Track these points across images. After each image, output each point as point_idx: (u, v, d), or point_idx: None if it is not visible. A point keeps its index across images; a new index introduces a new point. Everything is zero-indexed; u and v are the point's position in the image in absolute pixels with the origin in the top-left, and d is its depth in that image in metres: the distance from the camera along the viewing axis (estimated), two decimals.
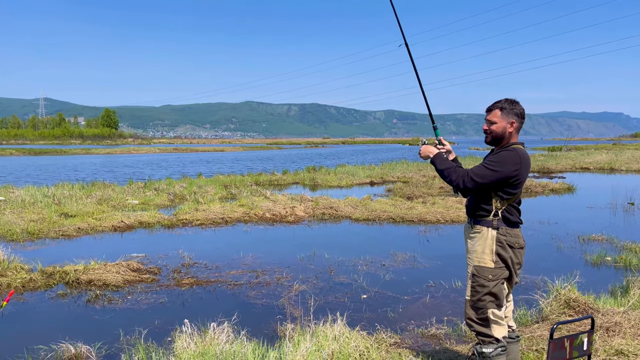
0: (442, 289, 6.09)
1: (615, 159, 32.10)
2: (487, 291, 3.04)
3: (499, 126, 3.12)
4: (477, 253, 3.09)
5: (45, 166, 35.23)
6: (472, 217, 3.16)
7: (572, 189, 16.92)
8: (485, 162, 3.07)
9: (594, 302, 4.77)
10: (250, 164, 36.36)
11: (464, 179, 3.03)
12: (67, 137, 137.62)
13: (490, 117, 3.16)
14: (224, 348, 3.78)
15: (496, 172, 2.99)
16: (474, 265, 3.10)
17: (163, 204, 13.79)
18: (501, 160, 3.02)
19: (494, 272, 3.04)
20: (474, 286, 3.09)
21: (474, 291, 3.09)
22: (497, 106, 3.14)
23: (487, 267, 3.05)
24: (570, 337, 2.76)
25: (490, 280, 3.04)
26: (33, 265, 6.86)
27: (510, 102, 3.13)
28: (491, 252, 3.04)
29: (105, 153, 63.53)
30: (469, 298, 3.12)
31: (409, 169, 25.27)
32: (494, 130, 3.14)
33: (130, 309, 5.49)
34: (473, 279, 3.10)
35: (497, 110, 3.13)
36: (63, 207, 12.19)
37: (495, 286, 3.04)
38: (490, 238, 3.05)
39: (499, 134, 3.13)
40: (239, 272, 6.93)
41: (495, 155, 3.07)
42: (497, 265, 3.04)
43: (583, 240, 8.74)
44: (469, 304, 3.13)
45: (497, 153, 3.10)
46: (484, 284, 3.05)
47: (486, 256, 3.05)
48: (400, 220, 11.03)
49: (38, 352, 4.28)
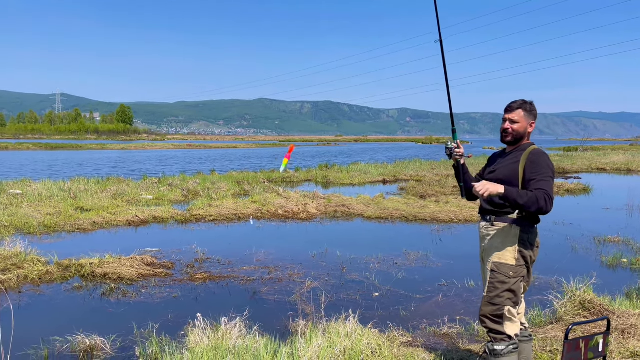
0: (454, 288, 6.06)
1: (632, 160, 31.61)
2: (506, 288, 3.03)
3: (522, 126, 3.13)
4: (498, 250, 3.06)
5: (60, 161, 35.69)
6: (495, 214, 3.12)
7: (588, 190, 16.71)
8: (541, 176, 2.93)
9: (609, 304, 4.71)
10: (262, 161, 36.47)
11: (549, 202, 2.88)
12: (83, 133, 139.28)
13: (512, 116, 3.14)
14: (237, 343, 3.80)
15: (552, 180, 2.97)
16: (493, 261, 3.08)
17: (177, 200, 13.90)
18: (548, 167, 2.98)
19: (515, 269, 3.03)
20: (492, 282, 3.07)
21: (492, 287, 3.07)
22: (520, 106, 3.14)
23: (508, 264, 3.03)
24: (586, 338, 2.73)
25: (511, 277, 3.03)
26: (49, 257, 6.96)
27: (530, 104, 3.17)
28: (514, 250, 3.03)
29: (120, 148, 64.17)
30: (486, 294, 3.11)
31: (422, 167, 25.15)
32: (516, 129, 3.14)
33: (144, 303, 5.55)
34: (492, 275, 3.07)
35: (521, 110, 3.14)
36: (79, 201, 12.35)
37: (515, 283, 3.04)
38: (513, 235, 3.04)
39: (521, 133, 3.14)
40: (251, 267, 6.97)
41: (538, 165, 2.97)
42: (518, 262, 3.03)
43: (599, 242, 8.63)
44: (485, 301, 3.11)
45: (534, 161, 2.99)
46: (504, 280, 3.03)
47: (508, 253, 3.03)
48: (413, 219, 10.99)
49: (54, 344, 4.35)
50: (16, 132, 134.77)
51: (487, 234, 3.17)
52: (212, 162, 35.54)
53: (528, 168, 3.01)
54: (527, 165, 3.02)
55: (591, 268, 6.71)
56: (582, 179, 20.92)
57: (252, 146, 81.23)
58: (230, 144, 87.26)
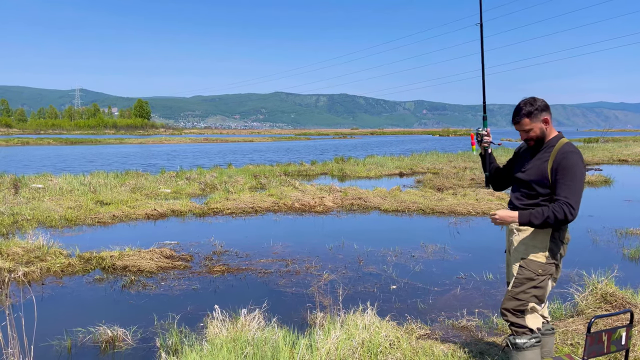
0: (472, 281, 6.02)
1: None
2: (533, 285, 2.98)
3: (536, 130, 3.03)
4: (528, 246, 3.01)
5: (80, 155, 36.24)
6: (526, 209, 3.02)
7: (609, 182, 16.41)
8: (567, 181, 2.87)
9: (631, 297, 4.63)
10: (279, 154, 36.56)
11: (571, 212, 2.83)
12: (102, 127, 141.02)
13: (521, 127, 3.06)
14: (256, 335, 3.83)
15: (582, 181, 2.90)
16: (521, 257, 3.02)
17: (194, 193, 14.02)
18: (576, 168, 2.89)
19: (544, 267, 2.97)
20: (519, 278, 3.01)
21: (518, 283, 3.01)
22: (522, 115, 3.03)
23: (538, 261, 2.98)
24: (608, 331, 2.69)
25: (540, 275, 2.97)
26: (71, 250, 7.09)
27: (531, 104, 3.02)
28: (545, 248, 2.97)
29: (138, 143, 64.87)
30: (510, 289, 3.05)
31: (439, 160, 24.95)
32: (533, 136, 3.05)
33: (163, 295, 5.63)
34: (520, 270, 3.01)
35: (526, 119, 3.02)
36: (98, 195, 12.53)
37: (542, 281, 2.98)
38: (545, 233, 2.97)
39: (540, 135, 3.04)
40: (268, 260, 7.01)
41: (565, 168, 2.88)
42: (548, 260, 2.98)
43: (620, 234, 8.49)
44: (509, 295, 3.05)
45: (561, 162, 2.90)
46: (532, 277, 2.97)
47: (538, 250, 2.97)
48: (430, 211, 10.93)
49: (77, 335, 4.44)
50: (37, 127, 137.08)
51: (518, 229, 3.08)
52: (229, 155, 35.75)
53: (556, 170, 2.92)
54: (555, 167, 2.93)
55: (613, 261, 6.60)
56: (603, 170, 20.54)
57: (268, 140, 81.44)
58: (246, 138, 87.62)
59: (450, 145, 50.72)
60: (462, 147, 42.79)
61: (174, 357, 3.70)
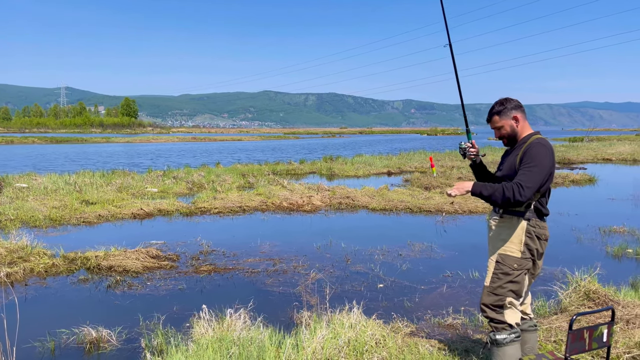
0: (459, 279, 6.06)
1: (638, 150, 31.37)
2: (509, 279, 3.04)
3: (505, 127, 3.19)
4: (504, 242, 3.08)
5: (69, 154, 35.84)
6: (503, 207, 3.09)
7: (594, 180, 16.62)
8: (525, 167, 2.97)
9: (614, 294, 4.70)
10: (267, 154, 36.48)
11: (520, 191, 2.90)
12: (88, 126, 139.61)
13: (493, 124, 3.25)
14: (241, 334, 3.82)
15: (541, 172, 2.94)
16: (499, 253, 3.09)
17: (182, 192, 13.93)
18: (537, 157, 2.97)
19: (519, 262, 3.04)
20: (496, 273, 3.08)
21: (495, 278, 3.08)
22: (492, 113, 3.24)
23: (513, 256, 3.04)
24: (590, 328, 2.72)
25: (515, 269, 3.04)
26: (55, 250, 7.01)
27: (501, 103, 3.20)
28: (520, 243, 3.03)
29: (125, 142, 64.32)
30: (487, 284, 3.12)
31: (427, 159, 25.07)
32: (504, 133, 3.21)
33: (149, 295, 5.59)
34: (497, 266, 3.09)
35: (495, 116, 3.21)
36: (84, 194, 12.40)
37: (518, 276, 3.04)
38: (520, 228, 3.03)
39: (510, 133, 3.19)
40: (256, 260, 6.99)
41: (528, 156, 2.99)
42: (524, 255, 3.04)
43: (604, 232, 8.60)
44: (487, 290, 3.12)
45: (526, 152, 3.02)
46: (508, 272, 3.04)
47: (514, 246, 3.04)
48: (418, 210, 10.98)
49: (60, 336, 4.39)
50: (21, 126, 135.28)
51: (495, 225, 3.17)
52: (217, 154, 35.59)
53: (521, 160, 3.03)
54: (521, 157, 3.04)
55: (596, 258, 6.69)
56: (588, 169, 20.81)
57: (256, 139, 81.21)
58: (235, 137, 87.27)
59: (438, 145, 51.01)
60: (450, 147, 43.05)
61: (159, 358, 3.68)
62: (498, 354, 3.06)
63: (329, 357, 3.53)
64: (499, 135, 3.24)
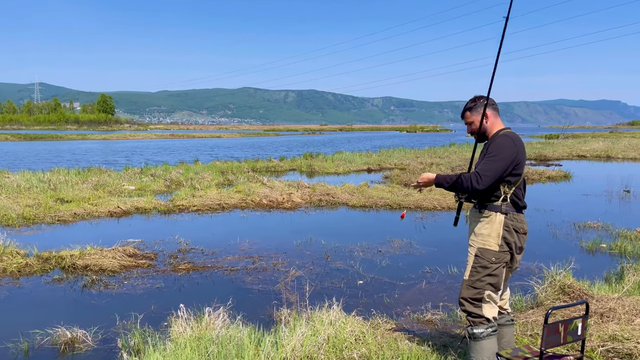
0: (438, 275, 6.11)
1: (611, 146, 32.12)
2: (487, 273, 3.10)
3: (475, 123, 3.29)
4: (483, 236, 3.13)
5: (41, 152, 35.07)
6: (480, 202, 3.17)
7: (569, 177, 16.95)
8: (486, 157, 3.09)
9: (588, 288, 4.79)
10: (247, 151, 36.28)
11: (477, 180, 3.01)
12: (63, 123, 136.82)
13: (465, 120, 3.35)
14: (220, 333, 3.79)
15: (501, 161, 3.03)
16: (477, 247, 3.14)
17: (159, 190, 13.76)
18: (498, 147, 3.07)
19: (497, 255, 3.09)
20: (475, 267, 3.13)
21: (474, 271, 3.13)
22: (465, 109, 3.35)
23: (491, 249, 3.10)
24: (565, 322, 2.77)
25: (493, 262, 3.09)
26: (29, 250, 6.85)
27: (473, 100, 3.31)
28: (497, 236, 3.09)
29: (102, 139, 63.26)
30: (467, 278, 3.17)
31: (406, 156, 25.25)
32: (474, 129, 3.31)
33: (126, 294, 5.50)
34: (475, 259, 3.14)
35: (467, 112, 3.34)
36: (59, 192, 12.15)
37: (497, 269, 3.10)
38: (498, 222, 3.10)
39: (479, 129, 3.27)
40: (235, 257, 6.94)
41: (490, 147, 3.12)
42: (501, 249, 3.10)
43: (579, 227, 8.77)
44: (466, 284, 3.17)
45: (490, 144, 3.16)
46: (486, 265, 3.10)
47: (492, 239, 3.10)
48: (397, 206, 11.04)
49: (34, 337, 4.29)
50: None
51: (474, 219, 3.23)
52: (196, 151, 35.25)
53: (486, 153, 3.14)
54: (486, 149, 3.16)
55: (571, 253, 6.82)
56: (563, 165, 21.22)
57: (236, 135, 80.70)
58: (214, 134, 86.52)
59: (417, 142, 51.43)
60: (429, 143, 43.45)
61: (136, 358, 3.62)
62: (475, 348, 3.10)
63: (308, 354, 3.52)
64: (470, 131, 3.34)
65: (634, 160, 24.93)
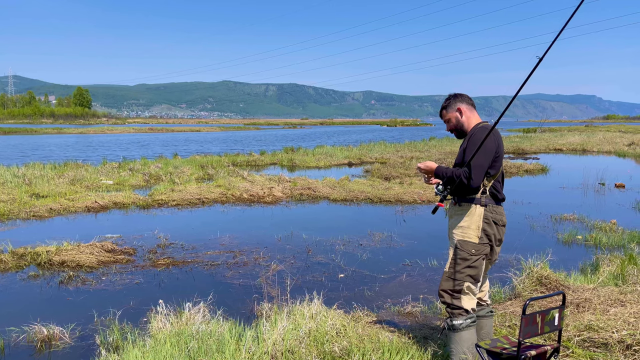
0: (418, 268, 6.16)
1: (587, 140, 32.76)
2: (467, 264, 3.13)
3: (451, 120, 3.37)
4: (463, 228, 3.16)
5: (16, 146, 34.27)
6: (460, 195, 3.20)
7: (546, 170, 17.24)
8: (471, 152, 3.09)
9: (565, 279, 4.88)
10: (227, 145, 36.00)
11: (466, 176, 3.05)
12: (38, 116, 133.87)
13: (443, 118, 3.45)
14: (201, 328, 3.76)
15: (486, 153, 3.07)
16: (457, 239, 3.17)
17: (138, 185, 13.57)
18: (477, 141, 3.09)
19: (477, 247, 3.13)
20: (455, 259, 3.17)
21: (454, 263, 3.17)
22: (441, 108, 3.46)
23: (471, 242, 3.13)
24: (542, 312, 2.81)
25: (473, 254, 3.13)
26: (3, 246, 6.70)
27: (448, 98, 3.41)
28: (477, 228, 3.13)
29: (78, 133, 62.08)
30: (447, 270, 3.20)
31: (387, 150, 25.36)
32: (451, 126, 3.39)
33: (104, 290, 5.42)
34: (455, 252, 3.18)
35: (442, 111, 3.44)
36: (34, 187, 11.89)
37: (476, 261, 3.14)
38: (477, 215, 3.13)
39: (456, 125, 3.36)
40: (216, 252, 6.89)
41: (470, 142, 3.16)
42: (481, 241, 3.13)
43: (555, 220, 8.93)
44: (446, 276, 3.21)
45: (470, 138, 3.20)
46: (466, 257, 3.13)
47: (472, 232, 3.13)
48: (378, 200, 11.09)
49: (9, 334, 4.20)
50: None
51: (454, 212, 3.26)
52: (175, 145, 34.84)
53: (466, 147, 3.18)
54: (465, 145, 3.20)
55: (548, 245, 6.94)
56: (540, 159, 21.57)
57: (216, 129, 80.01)
58: (193, 128, 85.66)
59: (398, 136, 51.70)
60: (409, 137, 43.71)
61: (115, 354, 3.57)
62: (455, 339, 3.13)
63: (289, 348, 3.52)
64: (449, 128, 3.42)
65: (609, 154, 25.47)
